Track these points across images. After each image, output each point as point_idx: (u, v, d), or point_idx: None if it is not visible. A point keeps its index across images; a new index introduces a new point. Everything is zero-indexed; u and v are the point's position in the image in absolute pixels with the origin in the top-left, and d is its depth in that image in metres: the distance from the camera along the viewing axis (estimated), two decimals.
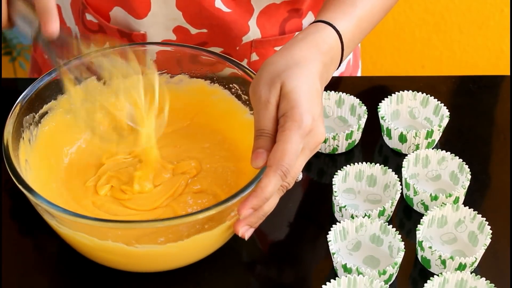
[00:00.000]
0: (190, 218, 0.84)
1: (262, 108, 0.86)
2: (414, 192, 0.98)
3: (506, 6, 2.02)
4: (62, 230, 0.88)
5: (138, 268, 0.91)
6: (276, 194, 0.87)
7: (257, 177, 0.86)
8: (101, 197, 0.95)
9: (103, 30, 1.13)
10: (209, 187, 0.96)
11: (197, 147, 1.01)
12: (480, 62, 2.13)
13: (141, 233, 0.85)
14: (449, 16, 2.06)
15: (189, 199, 0.95)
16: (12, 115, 0.93)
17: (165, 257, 0.88)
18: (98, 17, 1.12)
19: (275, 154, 0.83)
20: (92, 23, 1.13)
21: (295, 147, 0.84)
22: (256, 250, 0.96)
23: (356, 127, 1.04)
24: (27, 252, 0.95)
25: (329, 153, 1.06)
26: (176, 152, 1.01)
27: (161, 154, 0.98)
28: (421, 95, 1.07)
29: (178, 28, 1.09)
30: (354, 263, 0.91)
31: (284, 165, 0.83)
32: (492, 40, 2.09)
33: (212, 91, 1.04)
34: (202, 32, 1.10)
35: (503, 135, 1.09)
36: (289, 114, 0.85)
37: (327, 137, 1.04)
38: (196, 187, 0.97)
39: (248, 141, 0.91)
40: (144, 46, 1.03)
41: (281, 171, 0.83)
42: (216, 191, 0.96)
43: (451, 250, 0.94)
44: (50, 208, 0.84)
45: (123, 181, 0.97)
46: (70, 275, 0.93)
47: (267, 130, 0.86)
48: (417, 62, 2.15)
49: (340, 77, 1.23)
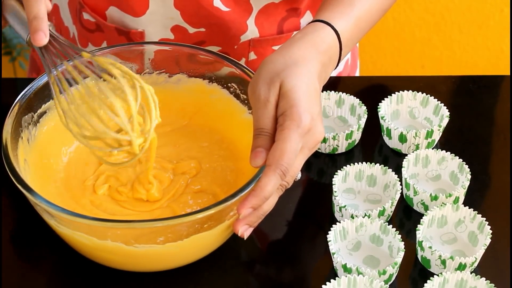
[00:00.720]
0: (189, 218, 0.84)
1: (261, 107, 0.87)
2: (414, 192, 0.98)
3: (506, 6, 2.02)
4: (61, 229, 0.87)
5: (137, 267, 0.91)
6: (275, 193, 0.87)
7: (256, 177, 0.86)
8: (99, 196, 0.95)
9: (101, 29, 1.13)
10: (209, 186, 0.96)
11: (196, 147, 1.01)
12: (480, 62, 2.13)
13: (140, 232, 0.85)
14: (449, 16, 2.05)
15: (189, 199, 0.95)
16: (11, 114, 0.93)
17: (165, 256, 0.88)
18: (95, 16, 1.12)
19: (274, 153, 0.83)
20: (90, 22, 1.13)
21: (294, 146, 0.84)
22: (255, 250, 0.96)
23: (356, 127, 1.04)
24: (26, 252, 0.95)
25: (329, 153, 1.06)
26: (175, 151, 1.01)
27: (160, 154, 0.98)
28: (421, 95, 1.07)
29: (176, 27, 1.09)
30: (354, 263, 0.91)
31: (283, 164, 0.83)
32: (492, 40, 2.09)
33: (210, 91, 1.03)
34: (200, 31, 1.10)
35: (503, 135, 1.09)
36: (288, 113, 0.85)
37: (327, 137, 1.04)
38: (196, 187, 0.96)
39: (247, 140, 0.92)
40: (142, 46, 1.03)
41: (280, 170, 0.83)
42: (216, 190, 0.96)
43: (451, 250, 0.94)
44: (49, 208, 0.84)
45: (121, 181, 0.96)
46: (69, 275, 0.93)
47: (266, 129, 0.86)
48: (417, 62, 2.15)
49: (340, 77, 1.23)
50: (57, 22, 1.20)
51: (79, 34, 1.16)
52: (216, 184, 0.96)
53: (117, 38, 1.12)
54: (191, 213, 0.84)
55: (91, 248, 0.88)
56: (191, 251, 0.89)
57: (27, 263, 0.94)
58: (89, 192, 0.95)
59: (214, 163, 0.99)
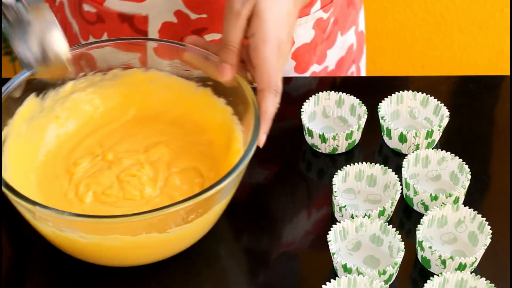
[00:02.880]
0: (202, 197, 0.84)
1: (232, 18, 0.92)
2: (414, 192, 0.98)
3: (506, 6, 2.02)
4: (64, 233, 0.86)
5: (131, 261, 0.91)
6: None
7: (241, 162, 0.87)
8: (88, 204, 0.93)
9: (102, 19, 1.13)
10: (189, 164, 0.97)
11: (154, 132, 1.01)
12: (480, 62, 2.13)
13: (149, 222, 0.84)
14: (449, 16, 2.06)
15: (176, 180, 0.95)
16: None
17: (177, 240, 0.89)
18: (96, 6, 1.12)
19: (262, 77, 0.91)
20: (90, 13, 1.13)
21: (275, 65, 0.91)
22: (256, 249, 0.96)
23: (356, 127, 1.04)
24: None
25: (329, 153, 1.06)
26: (137, 142, 1.00)
27: (124, 148, 0.99)
28: (421, 95, 1.07)
29: (178, 12, 1.10)
30: (354, 263, 0.91)
31: (274, 84, 0.91)
32: (492, 40, 2.09)
33: (148, 77, 1.04)
34: (202, 17, 1.10)
35: (503, 135, 1.09)
36: (260, 36, 0.91)
37: (327, 137, 1.04)
38: (176, 168, 0.97)
39: (201, 113, 0.97)
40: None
41: (274, 90, 0.91)
42: (196, 165, 0.97)
43: (451, 250, 0.94)
44: (51, 213, 0.83)
45: (104, 185, 0.95)
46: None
47: (234, 43, 0.92)
48: (417, 62, 2.15)
49: (340, 77, 1.23)
50: (62, 19, 1.20)
51: (80, 27, 1.16)
52: (194, 160, 0.97)
53: (119, 26, 1.12)
54: (202, 191, 0.84)
55: (96, 246, 0.87)
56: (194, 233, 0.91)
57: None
58: (76, 204, 0.94)
59: (180, 141, 1.00)
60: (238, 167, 0.86)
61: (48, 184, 0.96)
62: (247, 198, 1.00)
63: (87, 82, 1.02)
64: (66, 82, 1.00)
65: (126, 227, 0.84)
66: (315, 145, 1.06)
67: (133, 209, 0.92)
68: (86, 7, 1.13)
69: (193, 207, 0.84)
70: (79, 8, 1.14)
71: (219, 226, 0.95)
